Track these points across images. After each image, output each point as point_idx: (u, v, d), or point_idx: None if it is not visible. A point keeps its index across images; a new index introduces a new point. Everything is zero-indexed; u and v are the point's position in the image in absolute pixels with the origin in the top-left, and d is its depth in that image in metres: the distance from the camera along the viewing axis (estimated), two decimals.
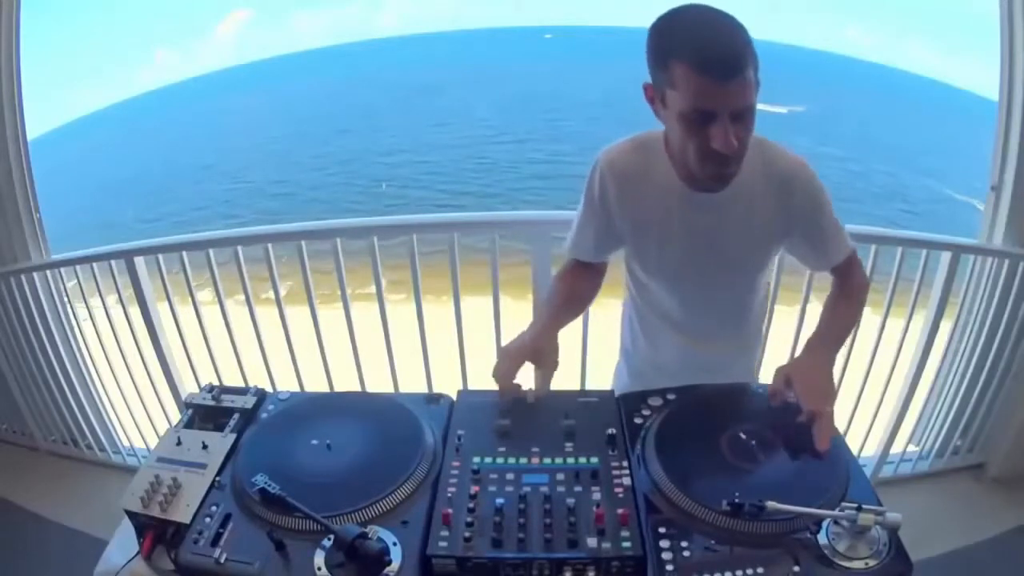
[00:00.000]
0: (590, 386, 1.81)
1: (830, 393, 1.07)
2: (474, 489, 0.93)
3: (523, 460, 0.98)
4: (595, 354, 1.90)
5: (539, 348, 1.15)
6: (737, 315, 1.28)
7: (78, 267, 2.16)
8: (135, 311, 2.12)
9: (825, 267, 1.23)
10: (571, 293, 1.27)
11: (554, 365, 1.16)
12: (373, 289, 1.93)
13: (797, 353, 1.21)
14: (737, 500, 0.86)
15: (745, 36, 0.95)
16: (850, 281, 1.24)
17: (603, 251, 1.27)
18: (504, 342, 1.25)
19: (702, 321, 1.25)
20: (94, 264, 2.09)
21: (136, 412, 2.37)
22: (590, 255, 1.27)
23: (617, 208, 1.16)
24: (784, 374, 1.09)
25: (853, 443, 2.05)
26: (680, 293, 1.23)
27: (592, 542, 0.85)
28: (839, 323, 1.21)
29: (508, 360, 1.14)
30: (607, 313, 1.65)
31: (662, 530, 0.87)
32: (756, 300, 1.29)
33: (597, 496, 0.91)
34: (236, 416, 1.09)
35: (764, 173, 1.09)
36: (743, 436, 1.00)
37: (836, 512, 0.84)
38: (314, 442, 1.01)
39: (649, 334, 1.33)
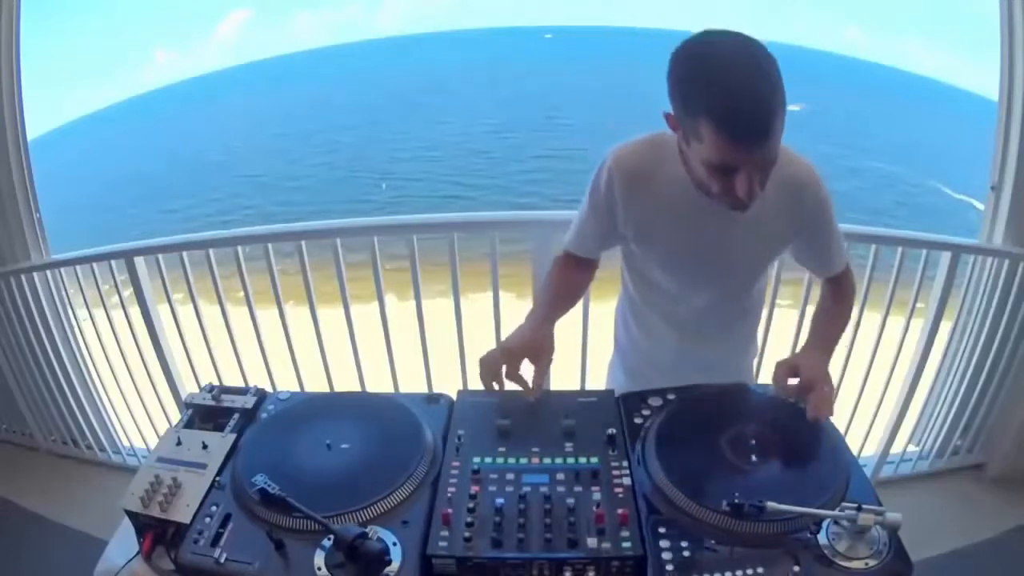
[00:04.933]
0: (590, 386, 1.81)
1: (830, 378, 1.11)
2: (474, 489, 0.93)
3: (523, 460, 0.98)
4: (595, 354, 1.90)
5: (538, 344, 1.15)
6: (737, 315, 1.29)
7: (78, 267, 2.16)
8: (135, 311, 2.12)
9: (824, 274, 1.26)
10: (566, 288, 1.27)
11: (550, 361, 1.17)
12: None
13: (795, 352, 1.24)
14: (737, 500, 0.86)
15: (776, 85, 0.91)
16: (842, 291, 1.26)
17: (603, 248, 1.27)
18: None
19: (702, 321, 1.26)
20: (94, 264, 2.09)
21: (136, 412, 2.37)
22: (589, 251, 1.27)
23: (622, 207, 1.15)
24: (790, 364, 1.11)
25: (853, 443, 2.05)
26: (683, 293, 1.23)
27: (592, 542, 0.85)
28: (832, 332, 1.24)
29: (509, 357, 1.13)
30: (607, 313, 1.65)
31: (662, 530, 0.87)
32: (755, 301, 1.30)
33: (597, 496, 0.91)
34: (236, 416, 1.09)
35: (776, 179, 1.06)
36: (743, 436, 1.00)
37: (836, 512, 0.84)
38: (314, 442, 1.01)
39: (646, 331, 1.33)
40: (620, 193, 1.14)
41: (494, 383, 1.12)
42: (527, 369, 1.14)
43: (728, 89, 0.91)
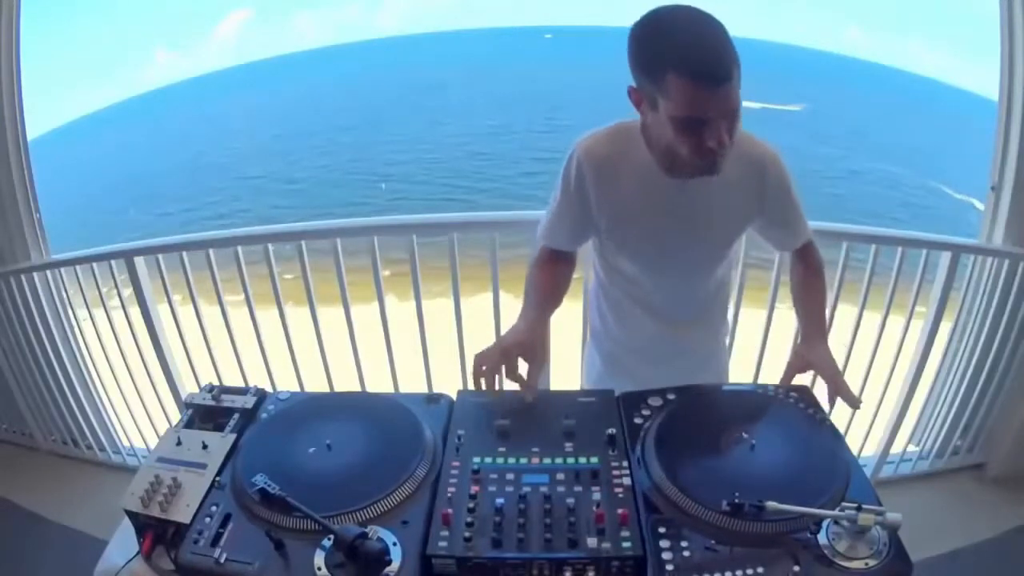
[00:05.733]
0: None
1: (839, 368, 1.22)
2: (474, 489, 0.93)
3: (523, 460, 0.98)
4: None
5: (533, 342, 1.16)
6: (706, 296, 1.33)
7: (78, 267, 2.16)
8: (135, 311, 2.12)
9: (790, 247, 1.33)
10: (552, 284, 1.28)
11: (545, 359, 1.20)
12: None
13: (795, 346, 1.30)
14: (737, 500, 0.86)
15: (728, 39, 1.00)
16: (813, 264, 1.33)
17: (578, 240, 1.30)
18: None
19: (673, 303, 1.29)
20: (94, 264, 2.09)
21: (136, 412, 2.37)
22: (565, 244, 1.30)
23: (594, 196, 1.19)
24: (801, 362, 1.22)
25: (853, 443, 2.05)
26: (656, 275, 1.26)
27: (592, 542, 0.85)
28: (821, 310, 1.31)
29: (506, 355, 1.13)
30: None
31: (662, 530, 0.87)
32: (723, 281, 1.34)
33: (597, 496, 0.91)
34: (236, 416, 1.09)
35: (740, 159, 1.13)
36: (743, 436, 1.00)
37: (836, 512, 0.84)
38: (314, 442, 1.01)
39: (621, 317, 1.35)
40: (591, 182, 1.18)
41: (492, 382, 1.11)
42: (522, 368, 1.14)
43: (687, 41, 0.99)
